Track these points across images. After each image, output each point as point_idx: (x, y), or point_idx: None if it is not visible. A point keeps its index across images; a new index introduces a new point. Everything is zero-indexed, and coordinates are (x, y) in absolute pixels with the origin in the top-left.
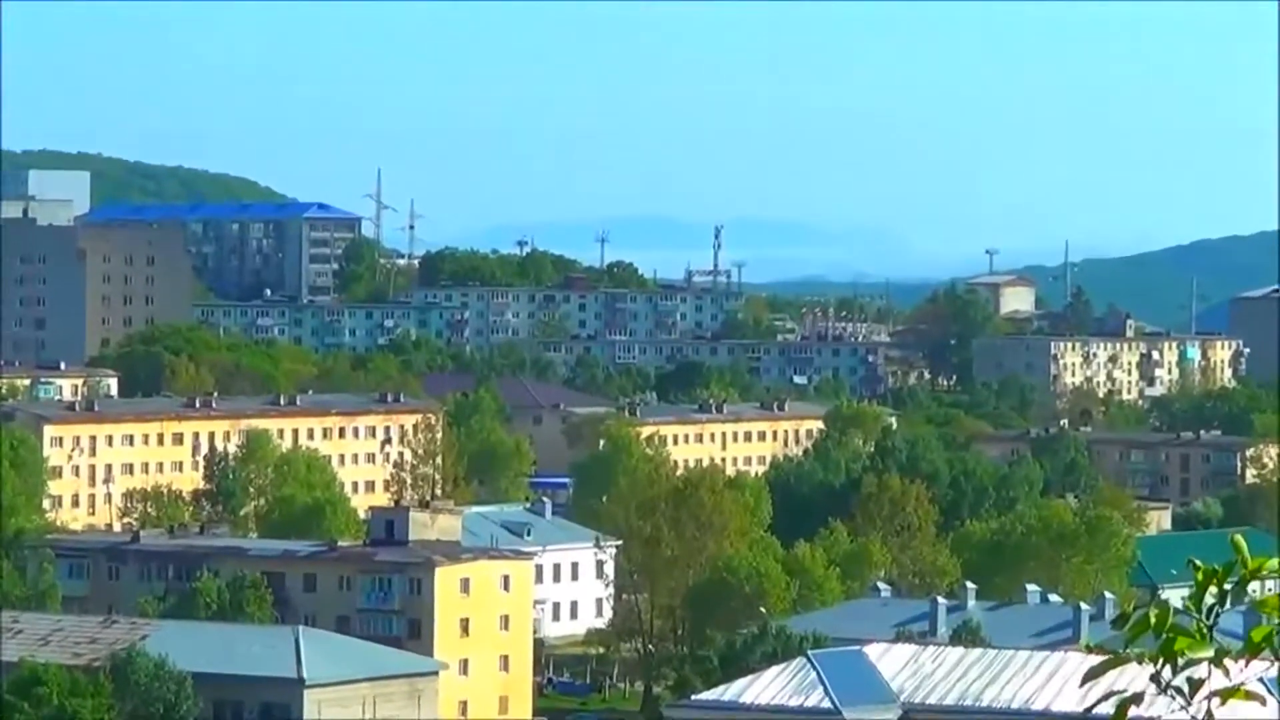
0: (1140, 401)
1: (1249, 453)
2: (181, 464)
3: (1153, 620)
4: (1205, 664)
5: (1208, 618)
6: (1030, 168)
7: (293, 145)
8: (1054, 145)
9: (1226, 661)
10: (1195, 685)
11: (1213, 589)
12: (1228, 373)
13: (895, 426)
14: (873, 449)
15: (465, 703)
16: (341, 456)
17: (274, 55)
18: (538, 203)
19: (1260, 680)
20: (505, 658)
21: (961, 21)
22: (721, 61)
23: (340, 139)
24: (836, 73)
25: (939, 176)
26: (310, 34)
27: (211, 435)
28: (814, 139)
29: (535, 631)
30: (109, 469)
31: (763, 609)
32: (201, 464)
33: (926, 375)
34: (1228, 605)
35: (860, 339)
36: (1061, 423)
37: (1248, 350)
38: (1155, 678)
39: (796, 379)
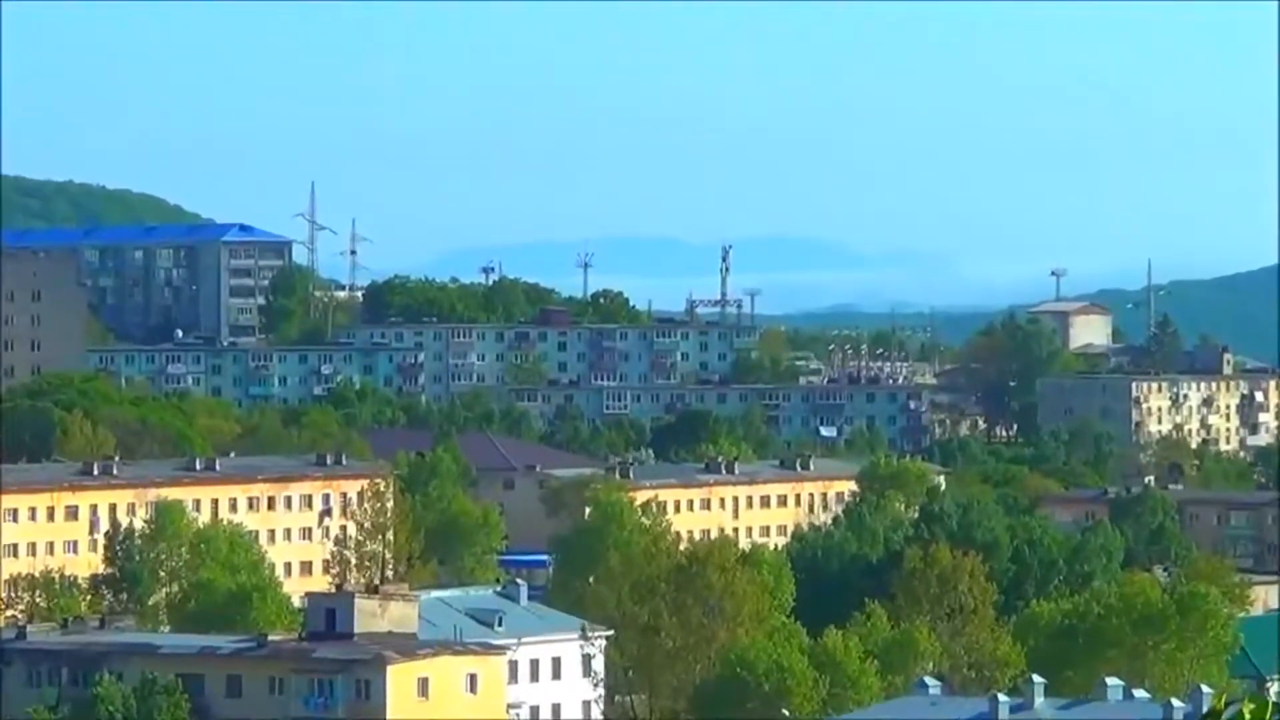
0: (1241, 453)
1: None
2: (76, 543)
3: (1246, 718)
4: None
5: None
6: (1102, 176)
7: (208, 155)
8: (1129, 152)
9: None
10: None
11: None
12: None
13: (944, 487)
14: (917, 515)
15: None
16: (271, 532)
17: (183, 52)
18: (506, 223)
19: None
20: None
21: (1021, 19)
22: (724, 56)
23: (266, 148)
24: (864, 69)
25: (993, 188)
26: (228, 27)
27: (113, 508)
28: (839, 145)
29: None
30: None
31: (785, 711)
32: (101, 543)
33: (981, 424)
34: None
35: (900, 381)
36: (1146, 480)
37: None
38: None
39: (823, 431)
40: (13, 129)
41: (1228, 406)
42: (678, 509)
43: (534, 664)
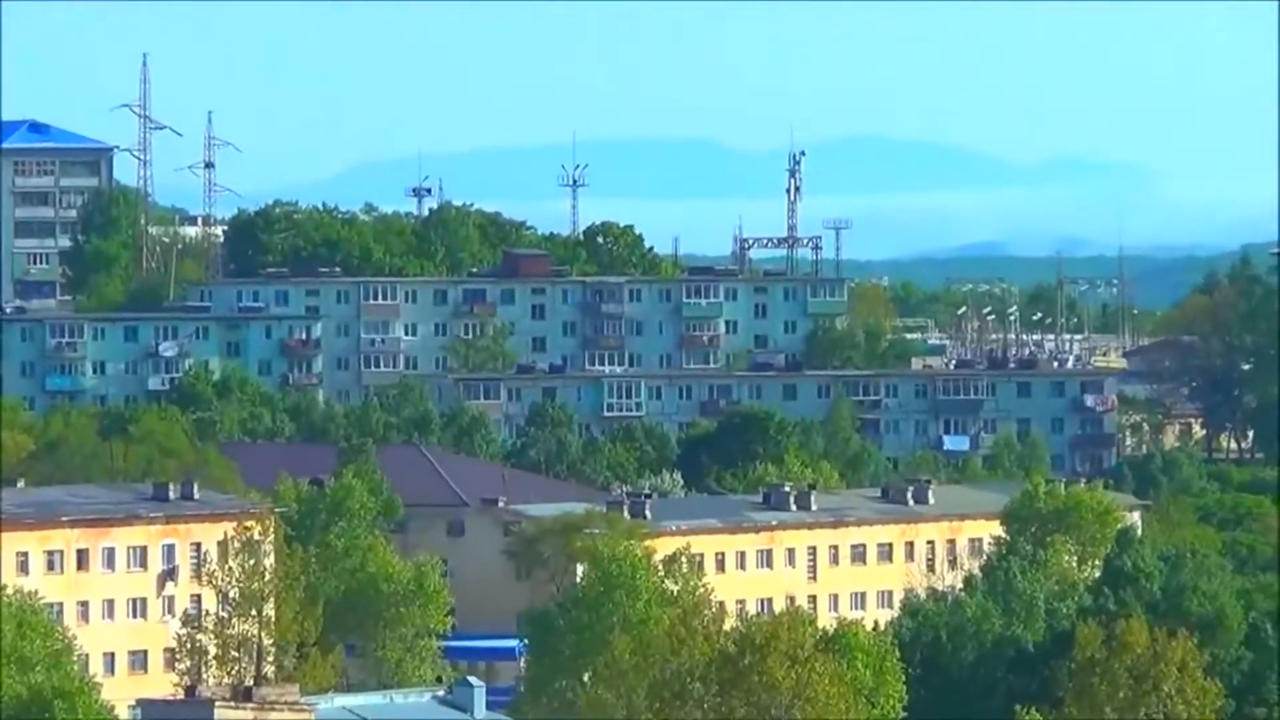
0: None
1: None
2: None
3: None
4: None
5: None
6: None
7: None
8: None
9: None
10: None
11: None
12: None
13: (1140, 530)
14: (1098, 574)
15: None
16: (83, 606)
17: None
18: (448, 122)
19: None
20: None
21: None
22: None
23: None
24: None
25: (1211, 68)
26: None
27: None
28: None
29: None
30: None
31: None
32: None
33: (1198, 429)
34: None
35: (1071, 364)
36: None
37: None
38: None
39: (949, 443)
40: None
41: None
42: (721, 566)
43: None
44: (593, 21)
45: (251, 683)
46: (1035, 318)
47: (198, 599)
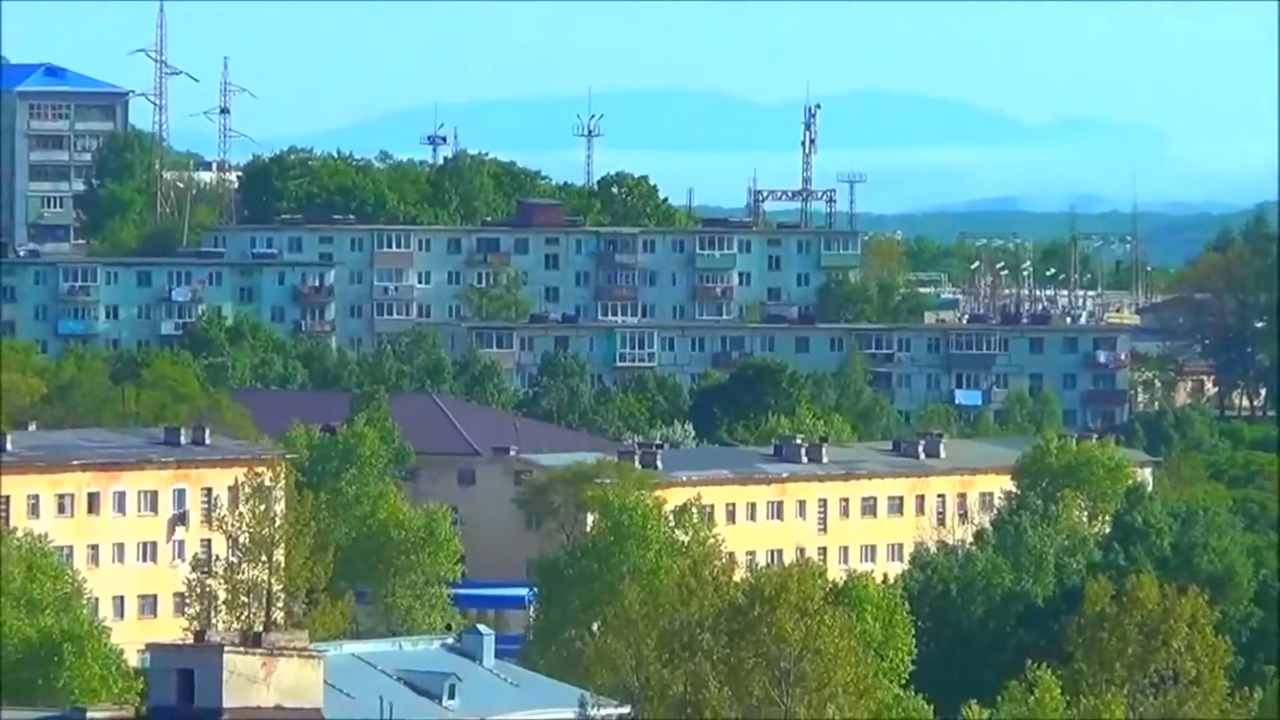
0: None
1: None
2: None
3: None
4: None
5: None
6: None
7: None
8: None
9: None
10: None
11: None
12: None
13: (1151, 487)
14: (1109, 530)
15: None
16: (94, 549)
17: None
18: (462, 71)
19: None
20: None
21: None
22: None
23: None
24: None
25: (1226, 28)
26: None
27: None
28: None
29: None
30: None
31: None
32: None
33: (1210, 388)
34: None
35: (1084, 320)
36: None
37: None
38: None
39: (962, 397)
40: None
41: None
42: (732, 518)
43: None
44: None
45: (261, 628)
46: (1049, 273)
47: (208, 544)
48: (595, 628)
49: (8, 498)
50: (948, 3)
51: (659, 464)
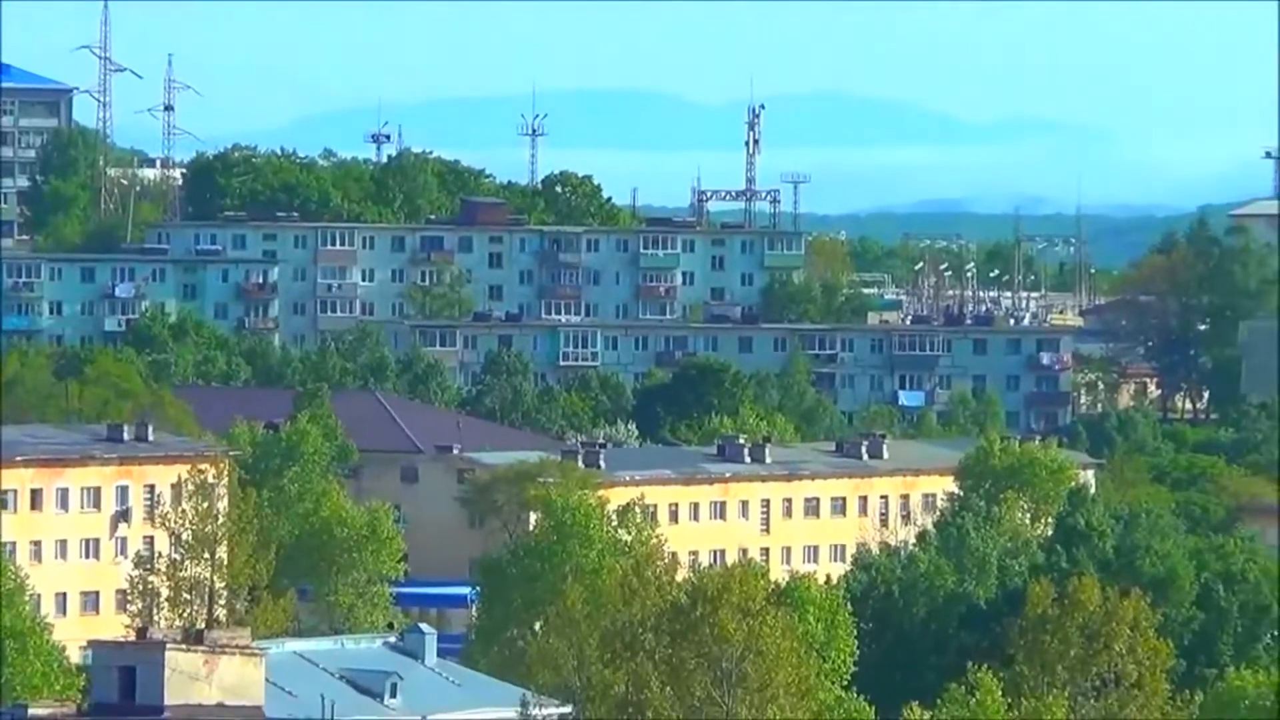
0: None
1: None
2: None
3: None
4: None
5: None
6: None
7: None
8: None
9: None
10: None
11: None
12: None
13: (1094, 489)
14: (1051, 532)
15: None
16: (36, 545)
17: None
18: (406, 70)
19: None
20: None
21: None
22: None
23: None
24: None
25: (1171, 24)
26: None
27: None
28: None
29: None
30: None
31: None
32: None
33: (1153, 390)
34: None
35: (1027, 322)
36: None
37: None
38: None
39: (905, 398)
40: None
41: None
42: (675, 518)
43: None
44: None
45: (203, 626)
46: (992, 275)
47: (151, 541)
48: (538, 627)
49: None
50: (893, 3)
51: (602, 463)
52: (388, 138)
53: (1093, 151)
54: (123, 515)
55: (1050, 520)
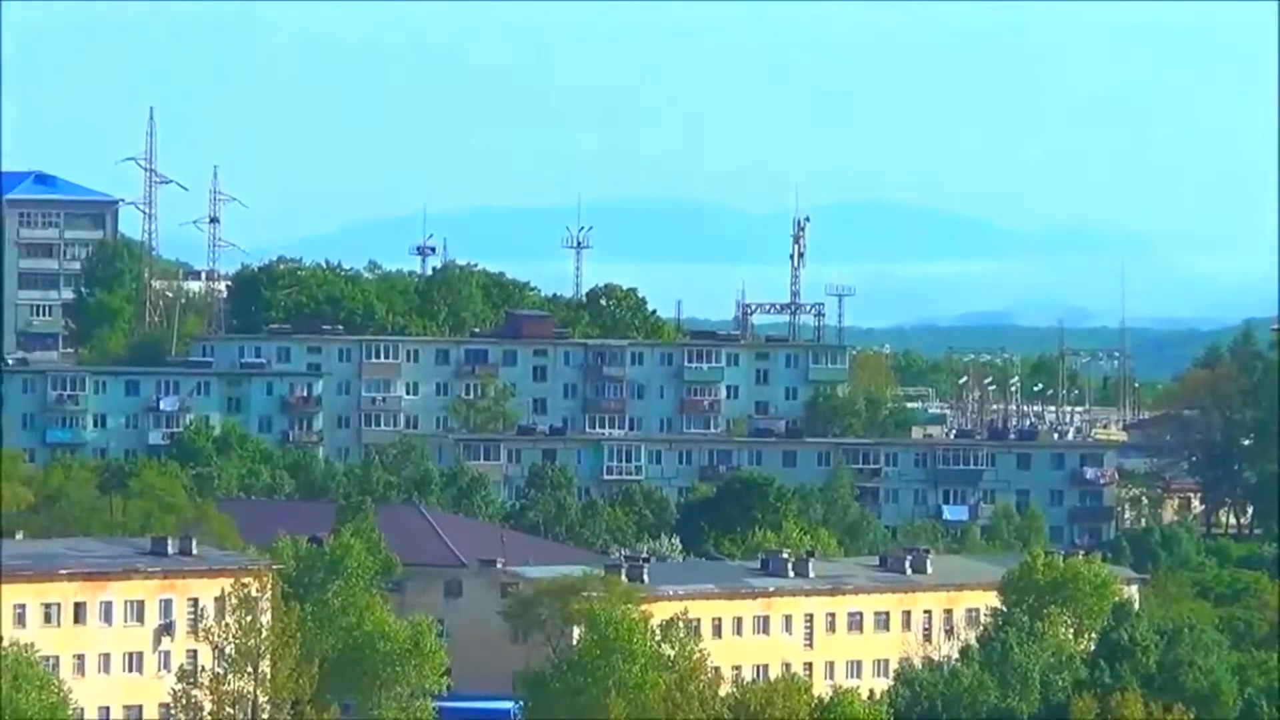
0: None
1: None
2: None
3: None
4: None
5: None
6: None
7: None
8: None
9: None
10: None
11: None
12: None
13: (1138, 604)
14: (1095, 647)
15: None
16: (79, 659)
17: None
18: (450, 179)
19: None
20: None
21: None
22: None
23: (83, 57)
24: None
25: (1216, 141)
26: None
27: None
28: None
29: None
30: None
31: None
32: None
33: (1197, 505)
34: None
35: (1071, 436)
36: None
37: None
38: None
39: (949, 513)
40: None
41: None
42: (718, 632)
43: None
44: (599, 83)
45: None
46: (1036, 389)
47: (194, 654)
48: None
49: None
50: (940, 112)
51: (645, 577)
52: (433, 250)
53: (1136, 264)
54: (166, 629)
55: (1094, 635)
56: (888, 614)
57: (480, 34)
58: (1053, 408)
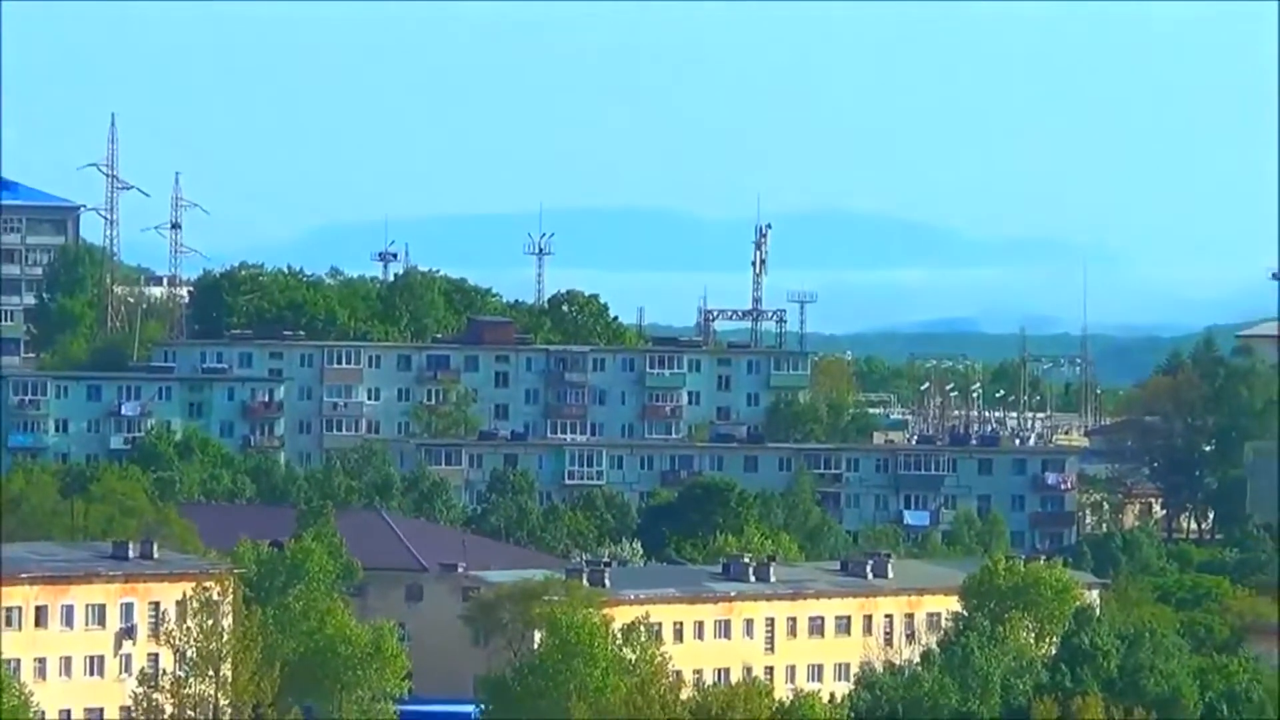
0: None
1: None
2: None
3: None
4: None
5: None
6: None
7: None
8: None
9: None
10: None
11: None
12: None
13: (1099, 609)
14: (1055, 650)
15: None
16: (41, 663)
17: None
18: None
19: None
20: None
21: None
22: None
23: (42, 63)
24: None
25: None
26: None
27: None
28: (934, 76)
29: None
30: None
31: None
32: None
33: (1158, 510)
34: None
35: (1033, 442)
36: None
37: None
38: None
39: (910, 518)
40: None
41: None
42: (680, 636)
43: None
44: (560, 91)
45: None
46: (998, 395)
47: (155, 658)
48: None
49: None
50: (903, 120)
51: (607, 582)
52: (394, 256)
53: (1099, 271)
54: (128, 632)
55: (1055, 640)
56: (849, 618)
57: (442, 39)
58: (1014, 414)
